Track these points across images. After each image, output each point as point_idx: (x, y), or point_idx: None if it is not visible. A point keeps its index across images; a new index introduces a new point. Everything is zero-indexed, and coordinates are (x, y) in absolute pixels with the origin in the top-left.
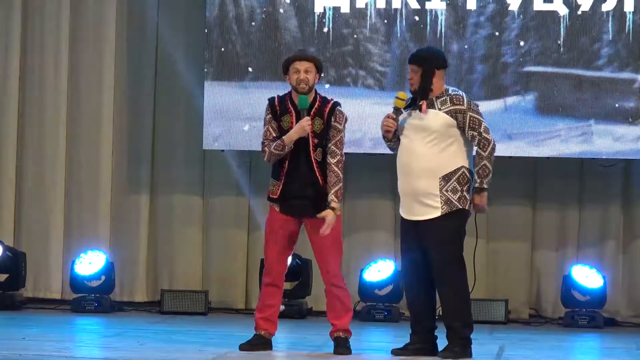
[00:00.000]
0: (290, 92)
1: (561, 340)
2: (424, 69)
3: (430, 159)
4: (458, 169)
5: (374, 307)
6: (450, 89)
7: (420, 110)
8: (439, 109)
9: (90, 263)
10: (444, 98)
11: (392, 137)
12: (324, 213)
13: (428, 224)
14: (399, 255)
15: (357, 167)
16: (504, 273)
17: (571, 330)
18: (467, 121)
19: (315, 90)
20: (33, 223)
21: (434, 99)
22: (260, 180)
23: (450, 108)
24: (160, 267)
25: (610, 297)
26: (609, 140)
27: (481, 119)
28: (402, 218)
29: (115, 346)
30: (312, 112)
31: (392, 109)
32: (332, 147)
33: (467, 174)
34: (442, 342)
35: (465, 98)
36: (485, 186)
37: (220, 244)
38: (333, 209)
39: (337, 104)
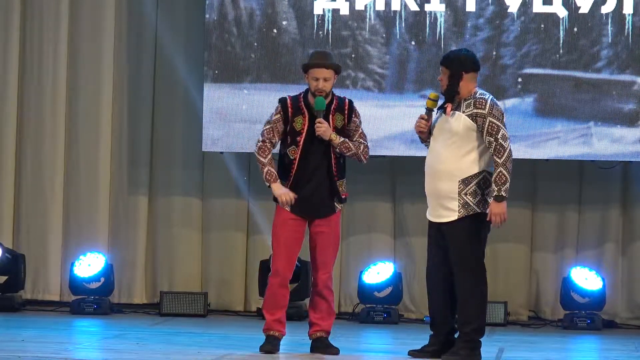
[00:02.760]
0: (304, 93)
1: (560, 342)
2: (451, 71)
3: (451, 162)
4: (479, 173)
5: (373, 309)
6: (480, 92)
7: (445, 112)
8: (463, 112)
9: (89, 265)
10: (469, 101)
11: (427, 137)
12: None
13: (448, 227)
14: (398, 257)
15: (356, 169)
16: (504, 275)
17: (570, 332)
18: (486, 126)
19: (332, 91)
20: (32, 225)
21: (461, 101)
22: (260, 182)
23: (472, 111)
24: (160, 269)
25: (610, 300)
26: (608, 142)
27: (500, 125)
28: (428, 220)
29: (115, 348)
30: (331, 110)
31: (425, 110)
32: (359, 138)
33: (490, 178)
34: None
35: (488, 102)
36: (504, 194)
37: (219, 246)
38: (332, 139)
39: (352, 100)
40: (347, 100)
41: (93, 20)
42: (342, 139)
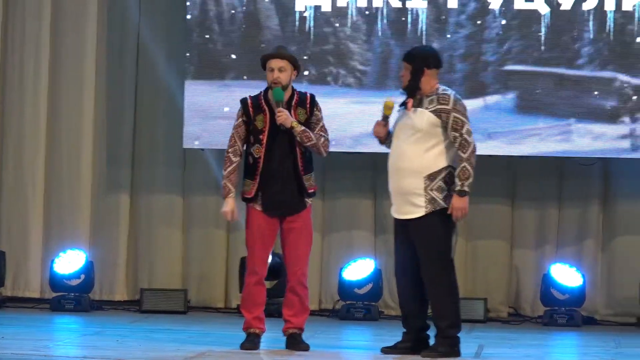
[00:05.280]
0: (264, 91)
1: (540, 339)
2: (413, 67)
3: (415, 158)
4: (444, 169)
5: (354, 306)
6: (442, 88)
7: (406, 107)
8: (426, 108)
9: (69, 262)
10: (432, 97)
11: (385, 140)
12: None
13: (415, 223)
14: (378, 254)
15: (336, 165)
16: (483, 272)
17: (550, 328)
18: (450, 121)
19: (292, 87)
20: (13, 222)
21: (424, 97)
22: (240, 179)
23: (435, 107)
24: (140, 266)
25: (589, 296)
26: (589, 139)
27: (465, 120)
28: (394, 217)
29: (95, 345)
30: (293, 104)
31: (382, 116)
32: (320, 131)
33: (455, 173)
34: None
35: (452, 98)
36: (466, 189)
37: (200, 242)
38: (294, 127)
39: (314, 95)
40: (308, 95)
41: (75, 18)
42: (303, 127)
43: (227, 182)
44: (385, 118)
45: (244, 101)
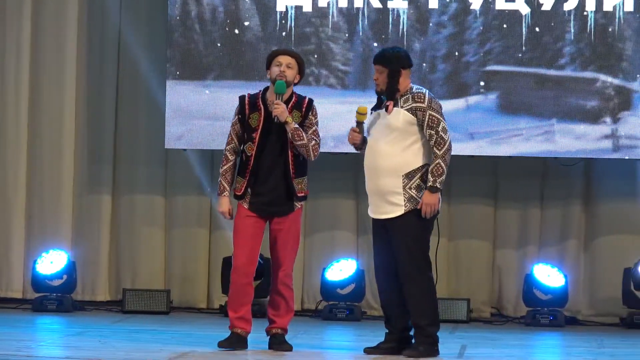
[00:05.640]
0: (263, 90)
1: (523, 339)
2: (390, 69)
3: (392, 157)
4: (422, 167)
5: (336, 306)
6: (415, 87)
7: (386, 110)
8: (401, 107)
9: (51, 262)
10: (407, 96)
11: (361, 146)
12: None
13: (394, 222)
14: (361, 254)
15: (319, 166)
16: (466, 272)
17: (533, 329)
18: (426, 119)
19: (292, 89)
20: None
21: (398, 97)
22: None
23: (411, 105)
24: (122, 266)
25: (572, 296)
26: (571, 139)
27: (440, 118)
28: (372, 218)
29: (77, 345)
30: (289, 107)
31: (355, 123)
32: (312, 135)
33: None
34: None
35: (427, 96)
36: (438, 186)
37: (182, 243)
38: (288, 122)
39: (312, 100)
40: (307, 99)
41: (56, 18)
42: (297, 125)
43: (222, 180)
44: (359, 124)
45: (241, 98)
